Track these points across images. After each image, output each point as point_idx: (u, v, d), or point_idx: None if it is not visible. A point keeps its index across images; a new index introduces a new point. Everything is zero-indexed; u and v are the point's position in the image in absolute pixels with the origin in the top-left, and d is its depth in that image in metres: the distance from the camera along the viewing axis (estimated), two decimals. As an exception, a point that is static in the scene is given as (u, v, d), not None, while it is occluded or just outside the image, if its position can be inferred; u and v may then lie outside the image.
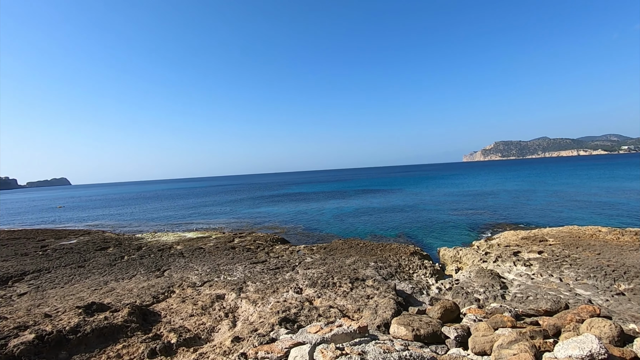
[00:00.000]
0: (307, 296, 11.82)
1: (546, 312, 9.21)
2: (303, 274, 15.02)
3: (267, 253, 20.79)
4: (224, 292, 12.55)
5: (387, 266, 16.04)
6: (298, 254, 20.20)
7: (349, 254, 19.41)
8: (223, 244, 23.87)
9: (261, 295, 12.02)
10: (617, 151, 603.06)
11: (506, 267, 15.30)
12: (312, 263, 17.24)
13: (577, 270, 13.54)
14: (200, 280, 14.55)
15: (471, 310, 9.46)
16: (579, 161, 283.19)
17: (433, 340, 7.82)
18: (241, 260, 18.57)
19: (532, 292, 11.67)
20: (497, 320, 7.91)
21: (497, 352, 6.15)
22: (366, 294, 11.79)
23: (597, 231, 20.07)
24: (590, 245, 17.20)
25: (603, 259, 14.54)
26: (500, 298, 11.52)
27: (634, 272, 12.37)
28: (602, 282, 12.14)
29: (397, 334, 7.97)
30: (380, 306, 9.86)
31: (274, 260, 18.40)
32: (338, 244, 22.30)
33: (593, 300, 10.57)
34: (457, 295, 11.94)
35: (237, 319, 10.22)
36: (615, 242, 17.60)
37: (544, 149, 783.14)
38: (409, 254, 18.98)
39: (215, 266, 17.39)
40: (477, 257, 17.50)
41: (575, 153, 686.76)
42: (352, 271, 15.03)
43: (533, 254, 16.74)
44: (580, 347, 5.45)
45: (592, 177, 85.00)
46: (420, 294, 12.72)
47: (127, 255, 21.77)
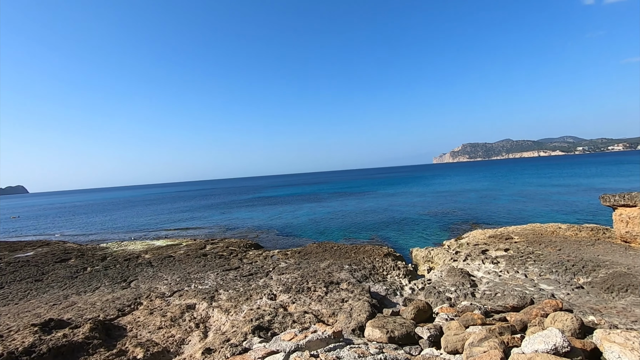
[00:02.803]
0: (282, 302, 11.63)
1: (513, 308, 9.54)
2: (277, 279, 14.80)
3: (241, 259, 20.36)
4: (195, 301, 12.11)
5: (362, 268, 16.12)
6: (272, 259, 19.92)
7: (324, 257, 19.36)
8: (194, 252, 23.14)
9: (234, 303, 11.70)
10: (573, 152, 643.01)
11: (475, 266, 15.80)
12: (287, 268, 17.03)
13: (541, 266, 14.19)
14: (170, 290, 13.98)
15: (443, 310, 9.65)
16: (539, 162, 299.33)
17: (407, 341, 7.88)
18: (213, 268, 18.06)
19: (500, 289, 12.09)
20: (467, 318, 8.09)
21: (469, 350, 6.26)
22: (341, 298, 11.76)
23: (557, 228, 21.17)
24: (551, 241, 18.09)
25: (563, 255, 15.32)
26: (471, 296, 11.84)
27: (591, 266, 13.12)
28: (563, 277, 12.78)
29: (371, 336, 7.97)
30: (355, 309, 9.85)
31: (247, 267, 18.03)
32: (312, 248, 22.20)
33: (556, 295, 11.09)
34: (429, 295, 12.15)
35: (208, 330, 9.88)
36: (573, 238, 18.63)
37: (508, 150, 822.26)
38: (383, 255, 19.19)
39: (185, 275, 16.79)
40: (448, 256, 17.96)
41: (536, 154, 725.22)
42: (326, 275, 14.97)
43: (500, 251, 17.40)
44: (545, 341, 5.65)
45: (551, 177, 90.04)
46: (394, 295, 12.85)
47: (90, 266, 20.60)
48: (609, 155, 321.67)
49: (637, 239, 15.37)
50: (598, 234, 18.83)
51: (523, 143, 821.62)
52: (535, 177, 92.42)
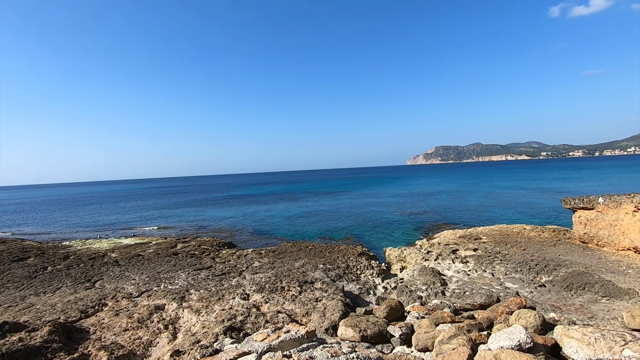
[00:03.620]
0: (255, 302, 11.48)
1: (481, 306, 9.88)
2: (250, 279, 14.60)
3: (213, 258, 19.93)
4: (164, 302, 11.73)
5: (336, 268, 16.19)
6: (246, 259, 19.63)
7: (298, 256, 19.29)
8: (164, 250, 22.43)
9: (205, 303, 11.42)
10: (538, 156, 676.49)
11: (446, 265, 16.25)
12: (260, 267, 16.84)
13: (507, 265, 14.79)
14: (138, 291, 13.46)
15: (414, 308, 9.84)
16: (507, 165, 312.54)
17: (379, 339, 7.97)
18: (184, 267, 17.57)
19: (468, 288, 12.49)
20: (438, 316, 8.29)
21: (438, 348, 6.42)
22: (315, 297, 11.75)
23: (522, 229, 22.16)
24: (517, 242, 18.91)
25: (527, 254, 16.05)
26: (441, 294, 12.15)
27: (552, 265, 13.81)
28: (527, 276, 13.38)
29: (344, 336, 8.01)
30: (329, 309, 9.87)
31: (220, 266, 17.67)
32: (287, 247, 22.08)
33: (520, 293, 11.57)
34: (401, 293, 12.37)
35: (178, 331, 9.58)
36: (537, 238, 19.55)
37: (478, 154, 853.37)
38: (357, 254, 19.37)
39: (154, 274, 16.24)
40: (420, 255, 18.37)
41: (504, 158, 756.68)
42: (301, 274, 14.92)
43: (469, 251, 17.99)
44: (510, 338, 5.86)
45: (518, 180, 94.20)
46: (367, 294, 12.99)
47: (50, 265, 19.49)
48: (570, 161, 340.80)
49: (594, 240, 16.33)
50: (559, 235, 19.86)
51: (492, 147, 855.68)
52: (503, 180, 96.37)
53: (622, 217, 14.86)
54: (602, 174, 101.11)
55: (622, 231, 14.78)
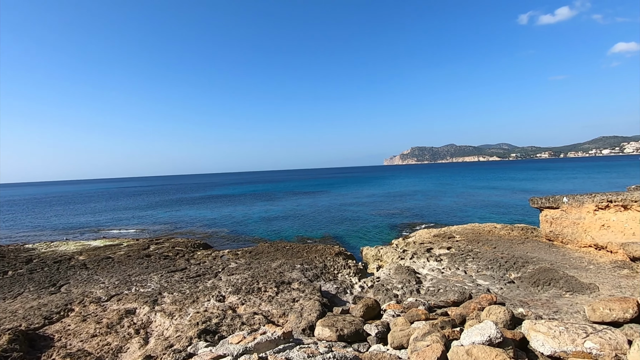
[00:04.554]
0: (230, 304, 11.29)
1: (454, 303, 10.14)
2: (226, 280, 14.35)
3: (188, 260, 19.45)
4: (135, 305, 11.33)
5: (313, 267, 16.19)
6: (222, 260, 19.28)
7: (276, 257, 19.15)
8: (136, 252, 21.67)
9: (179, 306, 11.13)
10: (508, 157, 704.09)
11: (421, 263, 16.60)
12: (237, 268, 16.59)
13: (478, 263, 15.28)
14: (107, 295, 12.93)
15: (390, 306, 9.98)
16: (479, 166, 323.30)
17: (356, 338, 8.03)
18: (157, 269, 17.04)
19: (442, 285, 12.80)
20: (413, 314, 8.44)
21: (413, 345, 6.53)
22: (292, 297, 11.69)
23: (493, 228, 22.96)
24: (488, 240, 19.57)
25: (498, 252, 16.65)
26: (416, 292, 12.40)
27: (521, 263, 14.39)
28: (497, 273, 13.87)
29: (321, 335, 8.01)
30: (306, 309, 9.85)
31: (194, 267, 17.27)
32: (264, 247, 21.87)
33: (491, 289, 11.99)
34: (378, 292, 12.53)
35: (150, 335, 9.28)
36: (507, 237, 20.32)
37: (452, 155, 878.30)
38: (334, 254, 19.45)
39: (125, 277, 15.65)
40: (396, 254, 18.68)
41: (476, 159, 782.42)
42: (278, 275, 14.82)
43: (443, 249, 18.46)
44: (481, 333, 6.05)
45: (489, 180, 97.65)
46: (344, 294, 13.07)
47: (11, 270, 18.40)
48: (537, 162, 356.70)
49: (559, 238, 17.14)
50: (527, 233, 20.72)
51: (465, 148, 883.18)
52: (475, 180, 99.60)
53: (584, 216, 15.69)
54: (567, 174, 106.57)
55: (584, 229, 15.60)
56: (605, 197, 15.06)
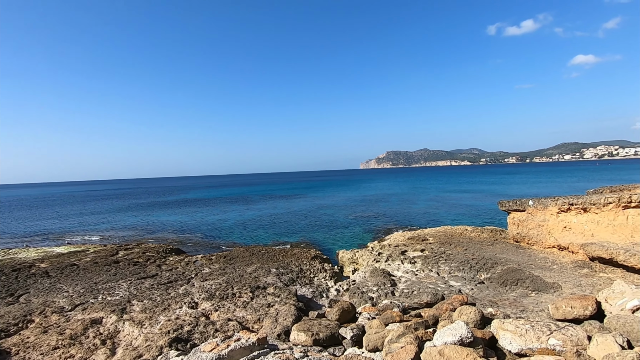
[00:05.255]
0: (204, 310, 11.00)
1: (427, 304, 10.34)
2: (200, 286, 13.98)
3: (159, 266, 18.80)
4: (102, 315, 10.81)
5: (289, 272, 16.08)
6: (195, 265, 18.79)
7: (251, 261, 18.87)
8: (104, 259, 20.72)
9: (149, 314, 10.72)
10: (478, 162, 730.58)
11: (395, 266, 16.85)
12: (211, 274, 16.21)
13: (450, 265, 15.69)
14: (71, 304, 12.27)
15: (366, 309, 10.06)
16: (451, 170, 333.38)
17: (331, 342, 8.02)
18: (126, 276, 16.36)
19: (416, 287, 13.04)
20: (387, 316, 8.53)
21: (388, 347, 6.60)
22: (267, 302, 11.55)
23: (464, 230, 23.68)
24: (460, 242, 20.17)
25: (469, 254, 17.18)
26: (391, 295, 12.56)
27: (490, 264, 14.91)
28: (468, 274, 14.30)
29: (297, 340, 7.95)
30: (281, 314, 9.75)
31: (166, 274, 16.72)
32: (239, 252, 21.49)
33: (462, 290, 12.33)
34: (353, 295, 12.59)
35: (117, 346, 8.88)
36: (477, 238, 21.02)
37: (426, 159, 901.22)
38: (310, 258, 19.40)
39: (91, 285, 14.92)
40: (372, 257, 18.87)
41: (448, 163, 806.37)
42: (253, 279, 14.60)
43: (417, 252, 18.83)
44: (453, 333, 6.20)
45: (460, 184, 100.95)
46: (320, 297, 13.05)
47: (-36, 279, 17.11)
48: (505, 167, 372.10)
49: (525, 239, 17.91)
50: (496, 235, 21.52)
51: (438, 153, 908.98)
52: (447, 184, 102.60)
53: (548, 218, 16.49)
54: (532, 178, 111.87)
55: (548, 230, 16.39)
56: (567, 200, 15.90)
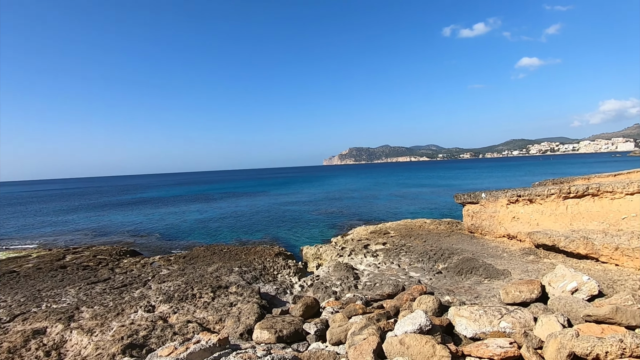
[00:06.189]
0: (161, 313, 10.51)
1: (389, 296, 10.60)
2: (157, 288, 13.34)
3: (112, 269, 17.71)
4: (46, 324, 9.96)
5: (252, 270, 15.81)
6: (152, 267, 17.91)
7: (212, 261, 18.33)
8: (49, 264, 19.15)
9: (100, 320, 10.04)
10: (436, 158, 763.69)
11: (358, 259, 17.14)
12: (169, 275, 15.53)
13: (411, 256, 16.23)
14: (9, 314, 11.18)
15: (329, 303, 10.12)
16: (411, 165, 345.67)
17: (295, 338, 7.97)
18: (74, 282, 15.23)
19: (378, 279, 13.35)
20: (350, 309, 8.62)
21: (351, 339, 6.67)
22: (229, 302, 11.27)
23: (423, 223, 24.60)
24: (419, 234, 20.92)
25: (428, 245, 17.87)
26: (354, 288, 12.75)
27: (447, 254, 15.60)
28: (427, 264, 14.87)
29: (260, 338, 7.82)
30: (244, 312, 9.55)
31: (120, 277, 15.78)
32: (200, 252, 20.80)
33: (422, 280, 12.79)
34: (317, 290, 12.63)
35: (64, 357, 8.22)
36: (435, 230, 21.92)
37: (387, 155, 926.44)
38: (274, 255, 19.22)
39: (34, 293, 13.71)
40: (335, 252, 19.06)
41: (408, 159, 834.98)
42: (214, 279, 14.18)
43: (379, 245, 19.28)
44: (412, 322, 6.38)
45: (420, 178, 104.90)
46: (284, 294, 12.96)
47: None
48: (461, 162, 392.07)
49: (479, 230, 18.95)
50: (453, 227, 22.57)
51: (398, 149, 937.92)
52: (407, 179, 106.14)
53: (499, 210, 17.55)
54: (485, 173, 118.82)
55: (499, 221, 17.46)
56: (515, 192, 17.00)
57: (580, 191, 14.31)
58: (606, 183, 13.97)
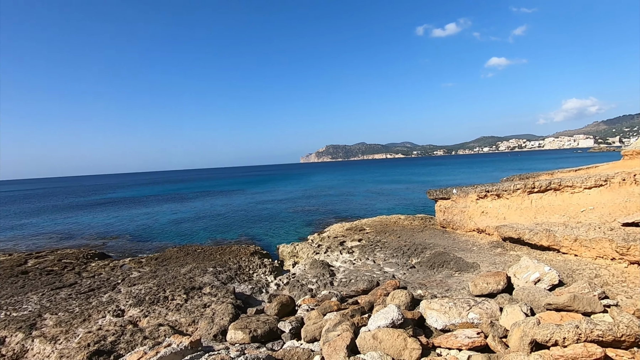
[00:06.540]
0: (131, 318, 10.16)
1: (363, 291, 10.74)
2: (127, 292, 12.88)
3: (79, 273, 16.93)
4: (4, 334, 9.39)
5: (227, 270, 15.58)
6: (122, 270, 17.27)
7: (185, 261, 17.91)
8: (8, 270, 18.04)
9: (65, 327, 9.58)
10: (410, 155, 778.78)
11: (335, 256, 17.25)
12: (140, 278, 15.03)
13: (385, 252, 16.52)
14: (-37, 325, 10.48)
15: (305, 301, 10.13)
16: (386, 162, 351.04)
17: (270, 337, 7.93)
18: (37, 288, 14.44)
19: (354, 276, 13.50)
20: (325, 306, 8.67)
21: (325, 336, 6.71)
22: (203, 303, 11.05)
23: (398, 219, 25.08)
24: (394, 230, 21.30)
25: (402, 241, 18.24)
26: (330, 285, 12.83)
27: (420, 249, 15.99)
28: (401, 260, 15.18)
29: (234, 339, 7.73)
30: (218, 313, 9.40)
31: (87, 281, 15.13)
32: (172, 253, 20.25)
33: (396, 275, 13.05)
34: (293, 288, 12.62)
35: (24, 367, 7.80)
36: (409, 226, 22.40)
37: (363, 152, 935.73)
38: (250, 254, 19.02)
39: (-8, 301, 12.91)
40: (311, 249, 19.09)
41: (384, 156, 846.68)
42: (187, 280, 13.86)
43: (355, 242, 19.48)
44: (385, 317, 6.49)
45: (395, 175, 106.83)
46: (259, 293, 12.85)
47: None
48: (434, 159, 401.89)
49: (450, 225, 19.52)
50: (426, 222, 23.15)
51: (375, 146, 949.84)
52: (383, 176, 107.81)
53: (469, 205, 18.15)
54: (457, 169, 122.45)
55: (469, 216, 18.06)
56: (484, 188, 17.64)
57: (544, 186, 15.04)
58: (567, 178, 14.76)
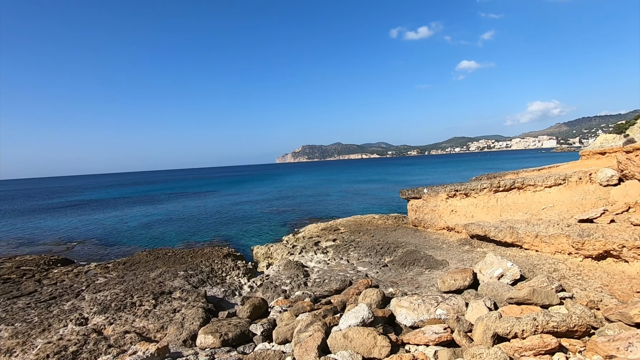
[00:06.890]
0: (95, 326, 9.72)
1: (336, 291, 10.81)
2: (91, 299, 12.31)
3: (39, 280, 16.01)
4: (-47, 348, 8.75)
5: (199, 273, 15.22)
6: (86, 276, 16.49)
7: (155, 265, 17.34)
8: (-41, 279, 16.82)
9: (22, 339, 9.03)
10: (385, 155, 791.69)
11: (309, 257, 17.26)
12: (106, 283, 14.42)
13: (359, 252, 16.70)
14: None
15: (278, 302, 10.07)
16: (362, 163, 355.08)
17: (241, 340, 7.83)
18: (-9, 297, 13.55)
19: (327, 276, 13.55)
20: (298, 307, 8.65)
21: (297, 337, 6.70)
22: (173, 308, 10.75)
23: (372, 218, 25.42)
24: (368, 230, 21.57)
25: (375, 240, 18.50)
26: (304, 285, 12.82)
27: (393, 248, 16.28)
28: (374, 259, 15.40)
29: (204, 344, 7.57)
30: (188, 318, 9.17)
31: (48, 289, 14.33)
32: (142, 257, 19.54)
33: (368, 274, 13.22)
34: (267, 290, 12.52)
35: (-25, 383, 7.29)
36: (383, 225, 22.76)
37: (339, 153, 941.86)
38: (223, 256, 18.68)
39: (-61, 313, 11.97)
40: (286, 250, 19.01)
41: (359, 156, 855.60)
42: (157, 285, 13.42)
43: (329, 242, 19.57)
44: (356, 316, 6.57)
45: (370, 175, 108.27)
46: (232, 296, 12.65)
47: None
48: (408, 159, 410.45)
49: (421, 223, 20.01)
50: (399, 221, 23.59)
51: (350, 146, 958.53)
52: (359, 176, 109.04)
53: (439, 204, 18.68)
54: (430, 169, 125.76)
55: (439, 214, 18.58)
56: (453, 187, 18.21)
57: (508, 185, 15.71)
58: (530, 177, 15.49)
